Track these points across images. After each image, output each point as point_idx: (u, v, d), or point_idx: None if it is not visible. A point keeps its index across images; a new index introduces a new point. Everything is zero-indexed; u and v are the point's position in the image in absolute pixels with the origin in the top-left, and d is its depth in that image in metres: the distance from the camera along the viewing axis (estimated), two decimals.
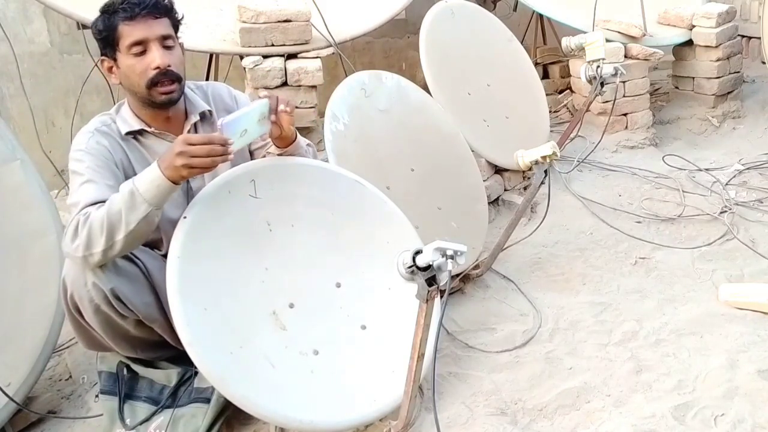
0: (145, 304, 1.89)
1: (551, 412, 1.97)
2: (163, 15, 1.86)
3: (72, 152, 1.86)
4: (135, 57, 1.83)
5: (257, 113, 1.79)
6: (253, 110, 1.79)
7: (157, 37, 1.84)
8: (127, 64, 1.85)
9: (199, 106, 2.01)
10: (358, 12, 3.48)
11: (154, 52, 1.83)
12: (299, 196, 1.96)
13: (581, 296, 2.58)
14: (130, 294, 1.84)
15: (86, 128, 1.92)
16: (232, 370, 1.67)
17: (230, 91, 2.13)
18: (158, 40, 1.84)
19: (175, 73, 1.87)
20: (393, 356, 1.86)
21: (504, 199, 3.28)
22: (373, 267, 1.98)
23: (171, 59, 1.86)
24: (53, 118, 3.95)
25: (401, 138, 2.64)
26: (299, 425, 1.70)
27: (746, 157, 3.69)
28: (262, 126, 1.83)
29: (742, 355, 2.14)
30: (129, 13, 1.81)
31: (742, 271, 2.68)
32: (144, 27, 1.82)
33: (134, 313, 1.87)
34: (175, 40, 1.90)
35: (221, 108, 2.06)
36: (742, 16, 4.88)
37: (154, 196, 1.68)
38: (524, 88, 3.53)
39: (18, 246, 2.09)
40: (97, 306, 1.83)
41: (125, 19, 1.81)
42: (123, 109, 1.97)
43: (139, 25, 1.81)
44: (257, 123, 1.80)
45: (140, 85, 1.85)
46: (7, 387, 1.93)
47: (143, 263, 1.91)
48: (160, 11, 1.85)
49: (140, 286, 1.88)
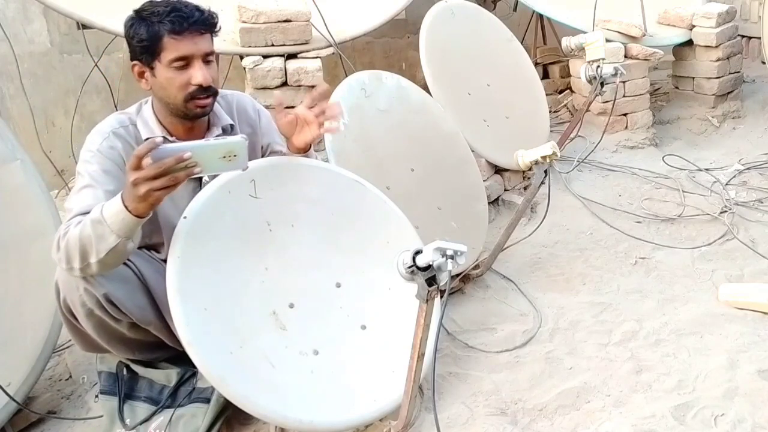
0: (139, 307, 1.87)
1: (551, 412, 1.97)
2: (208, 31, 1.82)
3: (83, 151, 1.83)
4: (176, 70, 1.80)
5: (221, 149, 1.59)
6: (212, 145, 1.59)
7: (202, 54, 1.80)
8: (166, 76, 1.81)
9: (223, 119, 1.98)
10: (358, 12, 3.48)
11: (197, 69, 1.79)
12: (299, 196, 1.96)
13: (581, 296, 2.58)
14: (123, 297, 1.81)
15: (102, 128, 1.87)
16: (232, 370, 1.66)
17: (255, 104, 2.10)
18: (202, 56, 1.80)
19: (214, 89, 1.85)
20: (393, 356, 1.85)
21: (504, 199, 3.28)
22: (373, 267, 1.98)
23: (212, 75, 1.84)
24: (53, 118, 3.95)
25: (401, 138, 2.64)
26: (299, 425, 1.70)
27: (746, 157, 3.69)
28: (231, 164, 1.62)
29: (742, 355, 2.14)
30: (177, 26, 1.75)
31: (742, 271, 2.68)
32: (190, 43, 1.77)
33: (128, 316, 1.85)
34: (215, 54, 1.87)
35: (243, 121, 2.05)
36: (742, 16, 4.88)
37: (120, 228, 1.58)
38: (524, 88, 3.53)
39: (18, 246, 2.08)
40: (90, 310, 1.81)
41: (172, 32, 1.75)
42: (146, 112, 1.92)
43: (186, 40, 1.77)
44: (220, 160, 1.60)
45: (177, 98, 1.82)
46: (7, 387, 1.93)
47: (136, 266, 1.89)
48: (207, 27, 1.81)
49: (133, 289, 1.85)
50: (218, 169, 1.65)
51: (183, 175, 1.53)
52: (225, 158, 1.60)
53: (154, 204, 1.57)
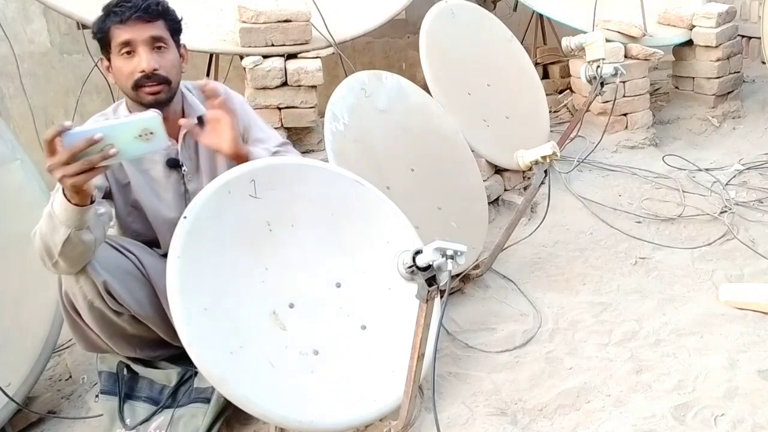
0: (137, 300, 1.89)
1: (551, 412, 1.97)
2: (155, 19, 1.85)
3: None
4: (124, 59, 1.84)
5: (135, 128, 1.54)
6: (125, 124, 1.55)
7: (145, 39, 1.83)
8: (116, 65, 1.86)
9: (198, 109, 2.00)
10: (358, 12, 3.48)
11: (141, 54, 1.83)
12: (299, 196, 1.96)
13: (581, 296, 2.58)
14: (120, 289, 1.85)
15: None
16: (232, 370, 1.67)
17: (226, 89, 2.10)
18: (146, 42, 1.84)
19: (161, 75, 1.86)
20: (393, 356, 1.86)
21: (504, 199, 3.28)
22: (373, 267, 1.98)
23: (160, 62, 1.86)
24: (53, 118, 3.95)
25: (401, 138, 2.64)
26: (299, 425, 1.70)
27: (746, 157, 3.69)
28: (150, 144, 1.57)
29: (742, 355, 2.14)
30: (119, 17, 1.82)
31: (742, 271, 2.68)
32: (132, 30, 1.82)
33: (126, 309, 1.87)
34: (169, 42, 1.90)
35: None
36: (742, 16, 4.88)
37: (68, 219, 1.61)
38: (524, 88, 3.53)
39: (18, 246, 2.08)
40: (91, 303, 1.83)
41: (117, 22, 1.82)
42: (120, 108, 1.97)
43: (128, 27, 1.82)
44: (137, 139, 1.54)
45: (127, 86, 1.87)
46: (7, 387, 1.93)
47: (138, 259, 1.91)
48: (152, 15, 1.85)
49: (133, 281, 1.89)
50: (137, 149, 1.57)
51: (98, 158, 1.50)
52: (141, 137, 1.55)
53: (79, 190, 1.55)
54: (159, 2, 1.87)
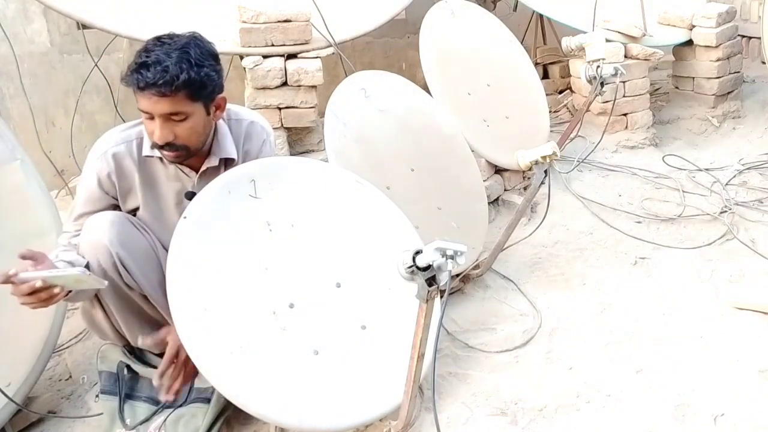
0: (149, 280, 1.91)
1: (551, 412, 1.97)
2: (173, 93, 1.74)
3: (87, 160, 1.93)
4: (146, 118, 1.81)
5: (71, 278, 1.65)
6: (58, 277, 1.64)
7: (161, 114, 1.77)
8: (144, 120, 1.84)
9: (224, 150, 1.94)
10: (358, 12, 3.48)
11: (156, 126, 1.79)
12: (299, 196, 1.96)
13: (581, 296, 2.58)
14: (133, 266, 1.88)
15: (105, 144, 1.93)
16: (232, 370, 1.67)
17: (264, 143, 2.04)
18: (162, 116, 1.77)
19: (176, 145, 1.82)
20: (393, 356, 1.86)
21: (504, 199, 3.28)
22: (372, 267, 1.98)
23: (177, 131, 1.80)
24: (53, 118, 3.94)
25: (401, 138, 2.64)
26: (299, 425, 1.70)
27: (746, 157, 3.69)
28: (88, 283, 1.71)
29: (742, 355, 2.14)
30: (137, 84, 1.74)
31: (742, 271, 2.68)
32: (149, 101, 1.75)
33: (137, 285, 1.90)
34: (189, 111, 1.79)
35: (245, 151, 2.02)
36: (742, 16, 4.88)
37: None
38: (524, 88, 3.53)
39: (18, 246, 2.07)
40: (105, 271, 1.85)
41: (136, 88, 1.75)
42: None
43: (146, 98, 1.75)
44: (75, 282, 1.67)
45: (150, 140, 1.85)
46: (7, 387, 1.93)
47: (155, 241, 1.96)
48: (170, 90, 1.73)
49: (146, 262, 1.91)
50: (78, 287, 1.74)
51: (44, 295, 1.64)
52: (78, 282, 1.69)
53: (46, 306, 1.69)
54: (180, 74, 1.73)
